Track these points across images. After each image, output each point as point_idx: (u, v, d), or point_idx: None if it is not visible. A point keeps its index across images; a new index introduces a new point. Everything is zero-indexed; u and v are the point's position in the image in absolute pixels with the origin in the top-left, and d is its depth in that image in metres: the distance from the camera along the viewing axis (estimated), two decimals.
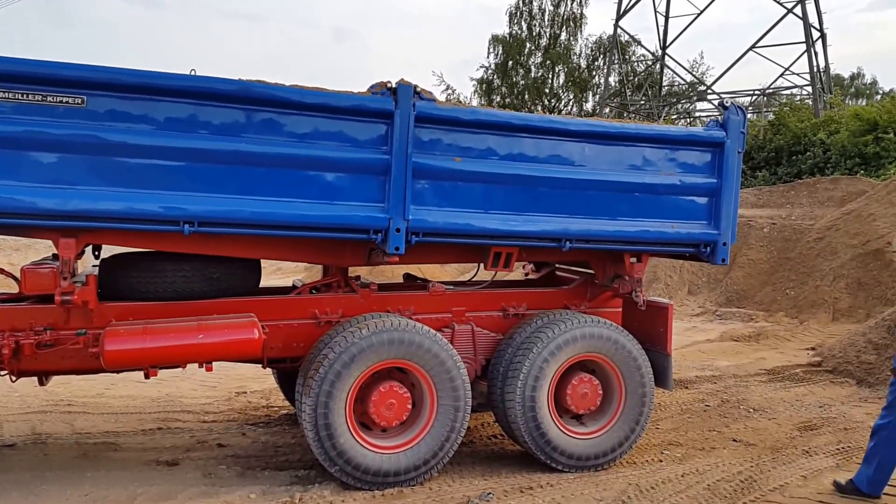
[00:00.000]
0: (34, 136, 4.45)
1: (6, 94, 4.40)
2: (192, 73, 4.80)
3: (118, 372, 5.52)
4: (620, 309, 6.41)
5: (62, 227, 4.68)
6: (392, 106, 5.00)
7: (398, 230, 5.05)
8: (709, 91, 33.36)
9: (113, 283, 5.26)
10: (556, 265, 6.99)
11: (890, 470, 5.12)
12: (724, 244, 5.87)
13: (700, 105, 36.27)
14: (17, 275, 5.15)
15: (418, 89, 5.07)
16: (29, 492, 5.15)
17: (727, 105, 5.97)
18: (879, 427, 5.14)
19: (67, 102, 4.51)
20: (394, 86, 5.04)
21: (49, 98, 4.47)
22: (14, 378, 5.16)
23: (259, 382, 8.47)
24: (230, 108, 4.79)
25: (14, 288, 5.29)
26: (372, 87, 5.07)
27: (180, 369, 5.36)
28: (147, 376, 5.11)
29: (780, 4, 30.19)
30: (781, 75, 31.19)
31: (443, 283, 6.11)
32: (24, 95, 4.43)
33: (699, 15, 33.21)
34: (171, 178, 4.71)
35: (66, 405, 7.46)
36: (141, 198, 4.64)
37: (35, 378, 5.46)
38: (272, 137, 4.87)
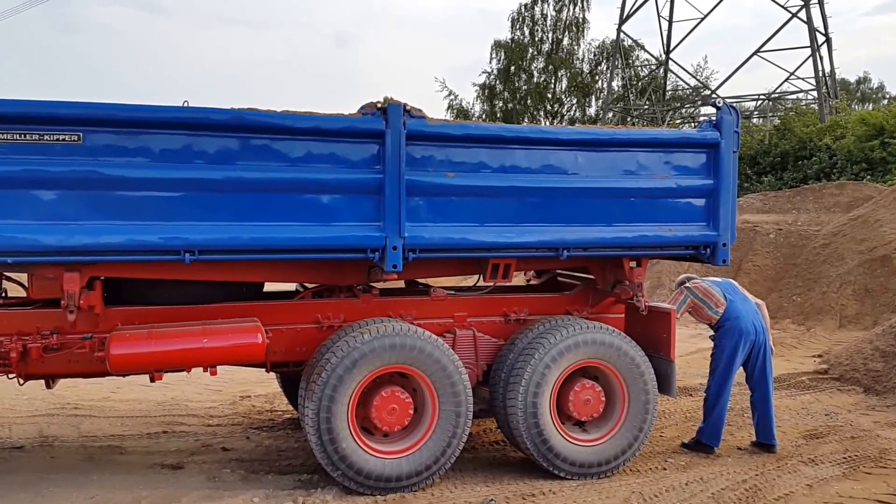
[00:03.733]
0: (33, 174, 4.54)
1: (4, 135, 4.48)
2: (185, 104, 4.88)
3: (124, 375, 5.58)
4: (623, 315, 6.42)
5: (65, 263, 4.75)
6: (383, 126, 5.06)
7: (395, 248, 5.10)
8: (713, 95, 33.30)
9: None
10: (558, 271, 7.00)
11: None
12: (724, 245, 5.88)
13: (705, 110, 36.23)
14: (24, 280, 5.22)
15: (408, 107, 5.13)
16: (36, 493, 5.20)
17: (719, 105, 5.96)
18: None
19: (64, 140, 4.58)
20: (384, 105, 5.09)
21: (46, 137, 4.55)
22: (22, 381, 5.23)
23: (263, 386, 8.52)
24: (224, 136, 4.87)
25: (21, 292, 5.36)
26: (362, 107, 5.13)
27: (185, 373, 5.40)
28: (152, 380, 5.17)
29: (785, 9, 30.13)
30: (786, 80, 31.13)
31: (444, 288, 6.13)
32: (22, 136, 4.51)
33: (703, 19, 33.22)
34: (169, 209, 4.79)
35: (73, 408, 7.54)
36: (141, 230, 4.72)
37: (42, 381, 5.51)
38: (267, 163, 4.95)
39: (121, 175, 4.69)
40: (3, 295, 5.55)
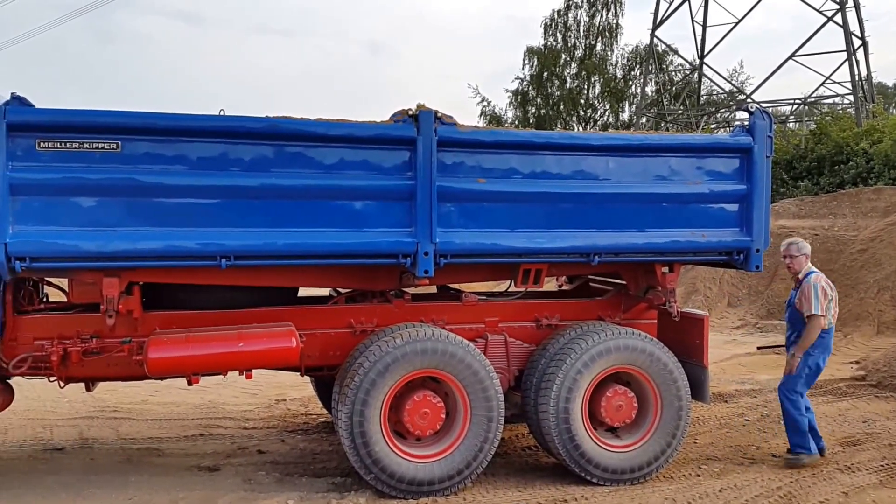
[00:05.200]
0: (74, 182, 4.68)
1: (45, 143, 4.62)
2: (222, 112, 4.98)
3: (162, 379, 5.68)
4: (655, 320, 6.40)
5: (105, 268, 4.87)
6: (414, 133, 5.12)
7: (426, 254, 5.15)
8: (748, 100, 32.94)
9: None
10: (590, 276, 7.00)
11: None
12: (758, 250, 5.84)
13: (740, 114, 35.79)
14: (65, 285, 5.35)
15: (439, 114, 5.19)
16: (76, 494, 5.33)
17: (752, 110, 5.93)
18: None
19: (103, 148, 4.71)
20: (415, 112, 5.15)
21: (86, 145, 4.69)
22: (62, 384, 5.36)
23: (298, 390, 8.61)
24: (259, 144, 4.97)
25: (62, 297, 5.50)
26: (394, 115, 5.21)
27: (222, 376, 5.50)
28: (190, 383, 5.28)
29: (820, 13, 29.70)
30: (822, 84, 30.67)
31: (476, 293, 6.17)
32: (63, 144, 4.65)
33: (737, 24, 32.77)
34: (206, 216, 4.90)
35: (112, 411, 7.69)
36: (178, 236, 4.84)
37: (82, 384, 5.63)
38: (301, 170, 5.04)
39: (158, 182, 4.81)
40: (45, 299, 5.69)
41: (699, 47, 33.91)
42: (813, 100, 31.51)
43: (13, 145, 4.57)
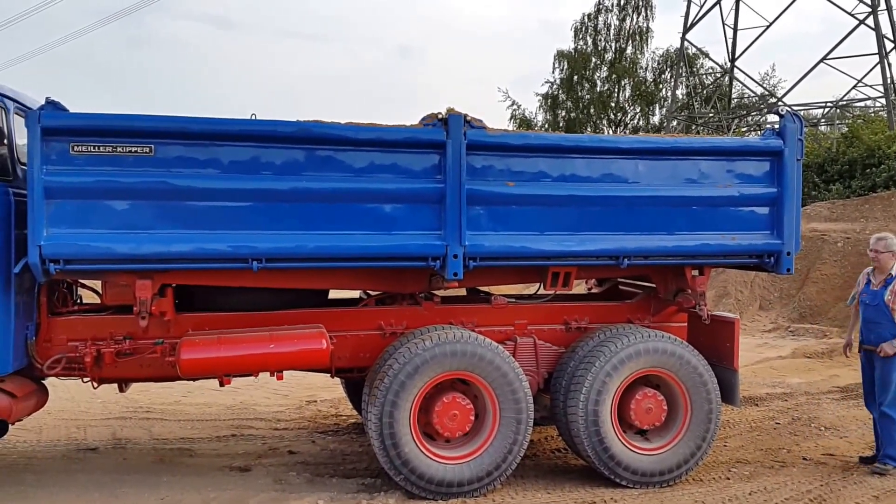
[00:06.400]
0: (107, 185, 4.75)
1: (80, 147, 4.70)
2: (253, 116, 5.04)
3: (194, 380, 5.76)
4: (685, 324, 6.37)
5: (138, 270, 4.94)
6: (444, 136, 5.15)
7: (455, 256, 5.17)
8: (779, 103, 32.56)
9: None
10: (619, 279, 6.97)
11: None
12: (788, 254, 5.79)
13: (772, 118, 35.39)
14: (99, 287, 5.44)
15: (468, 118, 5.21)
16: (109, 493, 5.41)
17: (783, 113, 5.89)
18: None
19: (136, 152, 4.79)
20: (445, 116, 5.18)
21: (119, 149, 4.76)
22: (96, 385, 5.44)
23: (329, 391, 8.66)
24: (290, 148, 5.03)
25: (96, 299, 5.59)
26: (423, 118, 5.24)
27: (253, 378, 5.55)
28: (221, 384, 5.35)
29: (852, 16, 29.32)
30: (854, 87, 30.25)
31: (505, 296, 6.17)
32: (97, 147, 4.73)
33: (768, 27, 32.42)
34: (238, 219, 4.96)
35: (145, 412, 7.80)
36: (211, 238, 4.90)
37: (115, 385, 5.71)
38: (331, 174, 5.09)
39: (191, 186, 4.88)
40: (79, 301, 5.79)
41: (730, 50, 33.62)
42: (844, 103, 31.10)
43: (48, 149, 4.65)
